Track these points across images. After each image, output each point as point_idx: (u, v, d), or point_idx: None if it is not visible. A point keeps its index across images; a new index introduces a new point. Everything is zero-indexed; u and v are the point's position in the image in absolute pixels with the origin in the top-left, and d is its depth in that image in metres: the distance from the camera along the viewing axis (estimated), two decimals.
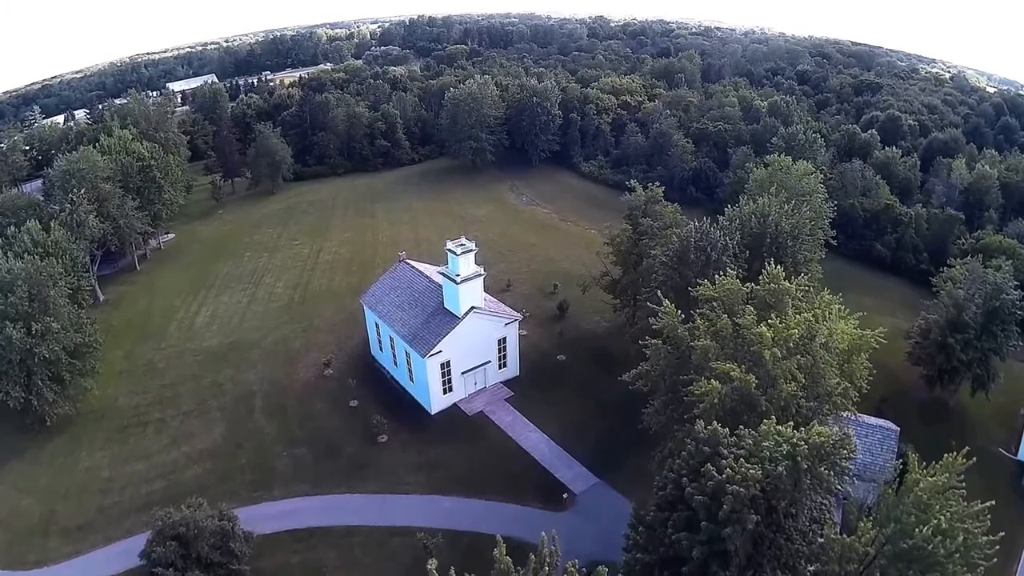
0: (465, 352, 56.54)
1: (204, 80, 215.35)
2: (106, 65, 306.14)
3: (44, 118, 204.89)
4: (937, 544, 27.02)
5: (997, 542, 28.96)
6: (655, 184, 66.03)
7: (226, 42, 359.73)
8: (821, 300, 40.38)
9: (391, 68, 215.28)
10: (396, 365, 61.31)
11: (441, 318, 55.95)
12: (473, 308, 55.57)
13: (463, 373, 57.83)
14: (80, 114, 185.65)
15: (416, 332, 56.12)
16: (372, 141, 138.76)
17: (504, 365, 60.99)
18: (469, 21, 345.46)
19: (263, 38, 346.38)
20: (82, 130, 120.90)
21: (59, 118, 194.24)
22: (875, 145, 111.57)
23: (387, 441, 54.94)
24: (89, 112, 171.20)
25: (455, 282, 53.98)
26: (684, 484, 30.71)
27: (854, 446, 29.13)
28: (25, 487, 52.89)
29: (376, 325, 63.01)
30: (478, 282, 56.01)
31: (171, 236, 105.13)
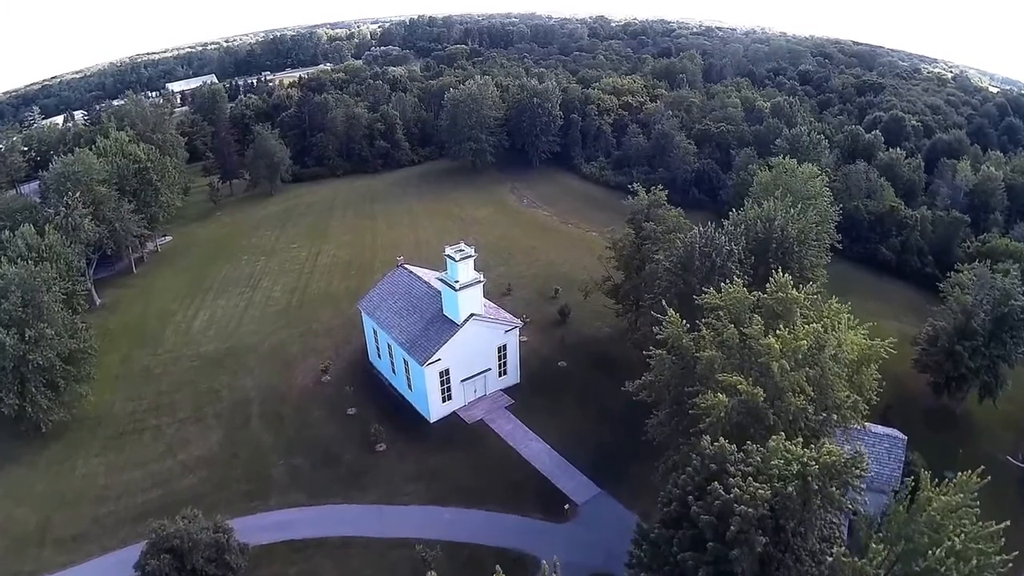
0: (464, 360, 55.58)
1: (203, 81, 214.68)
2: (106, 65, 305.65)
3: (43, 119, 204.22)
4: (950, 566, 26.16)
5: (1011, 561, 28.12)
6: (658, 187, 65.06)
7: (226, 42, 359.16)
8: (829, 309, 39.46)
9: (391, 68, 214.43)
10: (394, 372, 60.41)
11: (440, 325, 55.01)
12: (473, 315, 54.62)
13: (462, 381, 56.88)
14: (79, 115, 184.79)
15: (414, 339, 55.20)
16: (371, 142, 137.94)
17: (504, 372, 60.05)
18: (469, 21, 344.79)
19: (263, 38, 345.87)
20: (79, 131, 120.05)
21: (58, 119, 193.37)
22: (879, 146, 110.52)
23: (385, 450, 54.05)
24: (87, 113, 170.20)
25: (454, 289, 53.02)
26: (690, 502, 29.78)
27: (866, 464, 28.21)
28: (20, 495, 52.17)
29: (374, 331, 62.13)
30: (477, 288, 55.04)
31: (168, 239, 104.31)
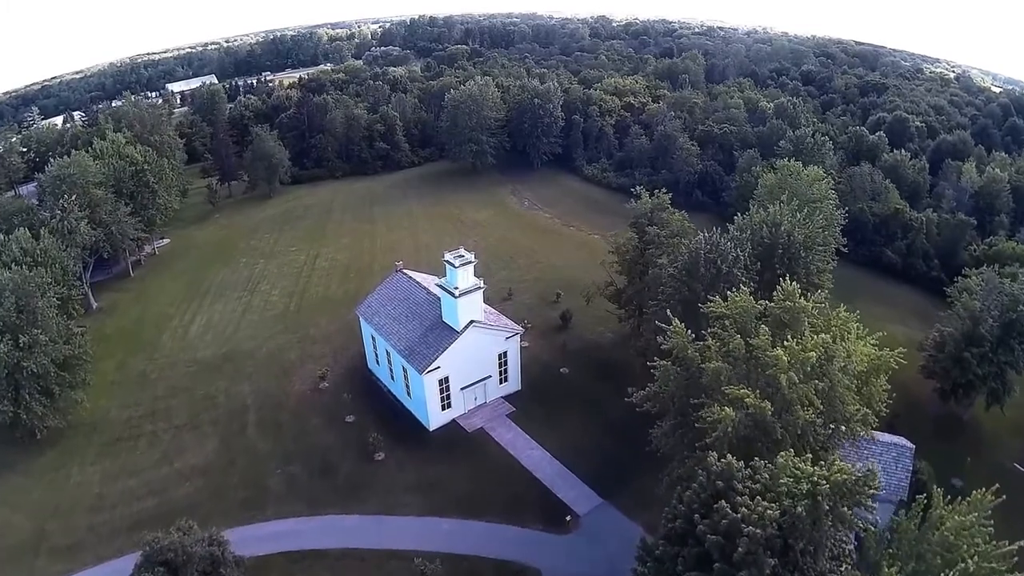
0: (464, 367, 54.69)
1: (203, 81, 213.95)
2: (106, 66, 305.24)
3: (43, 119, 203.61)
4: None
5: None
6: (661, 190, 64.09)
7: (226, 42, 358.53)
8: (837, 317, 38.51)
9: (391, 69, 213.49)
10: (393, 379, 59.55)
11: (439, 332, 54.09)
12: (473, 322, 53.68)
13: (462, 389, 56.01)
14: (78, 116, 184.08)
15: (413, 347, 54.29)
16: (371, 143, 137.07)
17: (505, 380, 59.14)
18: (470, 21, 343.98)
19: (263, 38, 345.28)
20: (76, 133, 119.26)
21: (58, 119, 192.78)
22: (883, 148, 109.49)
23: (384, 459, 53.20)
24: (84, 114, 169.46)
25: (453, 295, 52.10)
26: (696, 520, 28.87)
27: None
28: (15, 502, 51.55)
29: (372, 337, 61.26)
30: (477, 295, 54.10)
31: (166, 241, 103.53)
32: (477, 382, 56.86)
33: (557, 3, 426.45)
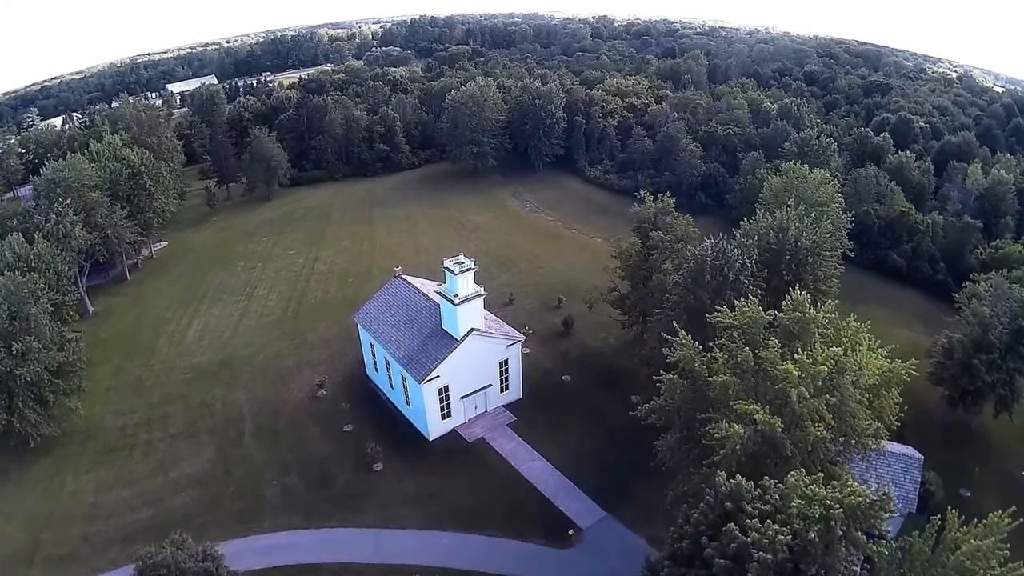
0: (464, 376, 53.59)
1: (203, 82, 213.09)
2: (106, 66, 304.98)
3: (42, 120, 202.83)
4: None
5: None
6: (665, 194, 63.04)
7: (227, 42, 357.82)
8: (848, 328, 37.41)
9: (392, 69, 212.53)
10: (392, 387, 58.47)
11: (439, 340, 52.99)
12: (473, 330, 52.56)
13: (462, 398, 54.90)
14: (77, 117, 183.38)
15: (412, 355, 53.20)
16: (371, 145, 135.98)
17: (506, 388, 58.04)
18: (471, 21, 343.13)
19: (264, 38, 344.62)
20: (73, 135, 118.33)
21: (57, 120, 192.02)
22: (888, 149, 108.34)
23: (382, 469, 52.11)
24: (81, 115, 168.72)
25: (453, 303, 50.95)
26: (704, 543, 27.83)
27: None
28: (9, 511, 50.65)
29: (371, 345, 60.20)
30: (478, 302, 52.92)
31: (163, 244, 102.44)
32: (477, 391, 55.76)
33: (558, 3, 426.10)
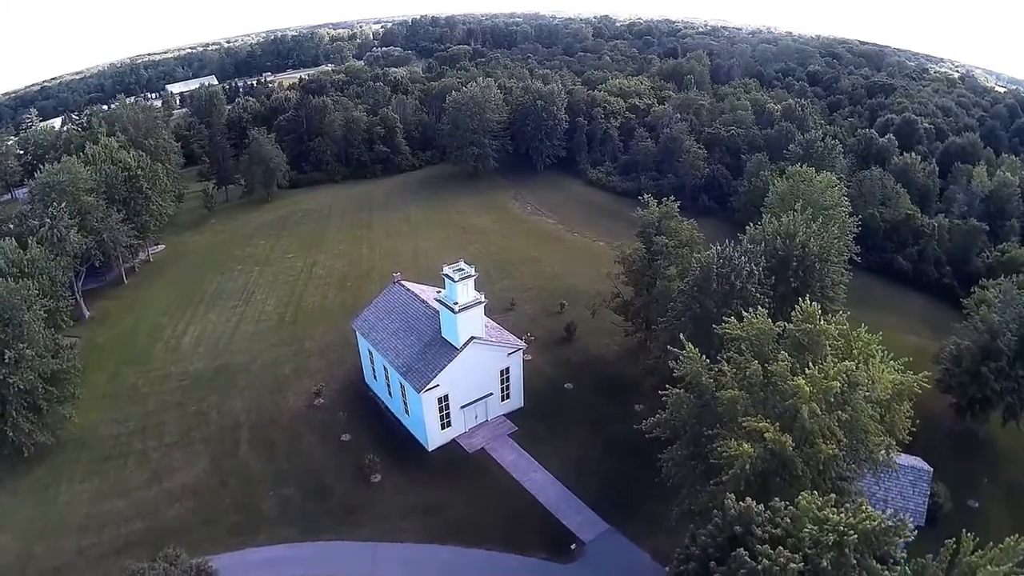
0: (465, 385, 52.38)
1: (202, 82, 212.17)
2: (106, 66, 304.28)
3: (41, 121, 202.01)
4: None
5: None
6: (669, 197, 61.88)
7: (227, 43, 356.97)
8: (859, 340, 36.24)
9: (392, 69, 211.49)
10: (391, 396, 57.34)
11: (438, 348, 51.82)
12: (473, 338, 51.39)
13: (463, 407, 53.70)
14: (75, 118, 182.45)
15: (411, 364, 52.06)
16: (371, 146, 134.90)
17: (507, 397, 56.84)
18: (472, 21, 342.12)
19: (264, 39, 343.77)
20: (70, 137, 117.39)
21: (56, 121, 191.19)
22: (893, 151, 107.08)
23: (380, 481, 50.95)
24: (79, 117, 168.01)
25: (453, 311, 49.76)
26: (712, 568, 26.73)
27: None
28: (2, 521, 49.66)
29: (369, 352, 59.08)
30: (478, 310, 51.69)
31: (161, 247, 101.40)
32: (478, 400, 54.59)
33: (560, 3, 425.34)
